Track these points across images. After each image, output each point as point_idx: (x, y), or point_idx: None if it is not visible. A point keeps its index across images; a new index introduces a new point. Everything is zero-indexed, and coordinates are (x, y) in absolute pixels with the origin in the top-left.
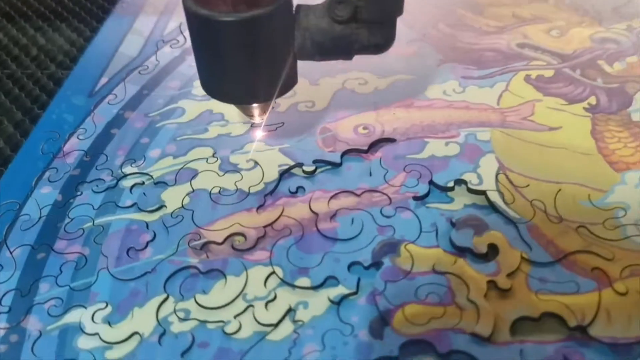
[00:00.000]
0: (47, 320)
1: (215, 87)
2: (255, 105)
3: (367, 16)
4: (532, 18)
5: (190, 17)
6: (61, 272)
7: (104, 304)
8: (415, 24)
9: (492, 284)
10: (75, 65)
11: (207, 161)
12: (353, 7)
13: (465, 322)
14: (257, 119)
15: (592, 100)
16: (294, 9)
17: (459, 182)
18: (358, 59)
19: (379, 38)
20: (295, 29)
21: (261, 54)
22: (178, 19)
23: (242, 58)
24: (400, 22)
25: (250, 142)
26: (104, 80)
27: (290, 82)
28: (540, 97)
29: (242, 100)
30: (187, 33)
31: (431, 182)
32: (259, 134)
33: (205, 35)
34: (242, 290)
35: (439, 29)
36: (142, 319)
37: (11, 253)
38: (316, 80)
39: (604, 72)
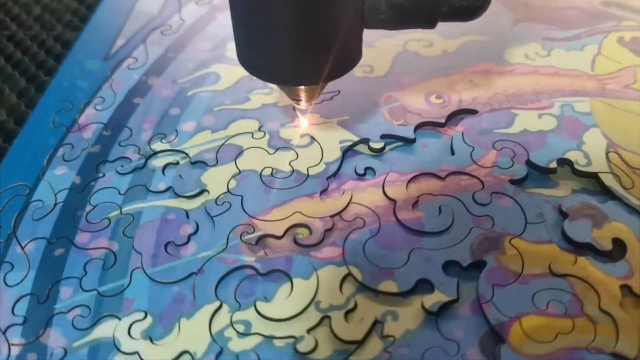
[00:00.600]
0: (72, 335)
1: (252, 60)
2: (302, 87)
3: None
4: None
5: None
6: (86, 272)
7: (142, 314)
8: None
9: (626, 288)
10: (85, 26)
11: (252, 136)
12: None
13: (602, 338)
14: (303, 105)
15: None
16: None
17: (563, 162)
18: None
19: None
20: None
21: (318, 15)
22: None
23: (292, 21)
24: None
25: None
26: (120, 41)
27: (353, 57)
28: None
29: (289, 80)
30: None
31: (528, 162)
32: (304, 123)
33: None
34: (314, 297)
35: None
36: (192, 334)
37: (23, 248)
38: (371, 41)
39: None
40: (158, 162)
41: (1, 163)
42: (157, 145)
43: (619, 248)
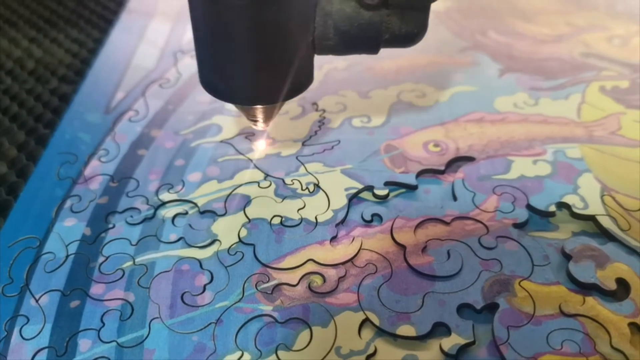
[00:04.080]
0: None
1: (213, 82)
2: (260, 107)
3: (400, 0)
4: (587, 26)
5: None
6: (103, 324)
7: None
8: (462, 32)
9: (634, 326)
10: (82, 79)
11: (259, 185)
12: None
13: None
14: (260, 126)
15: None
16: None
17: (561, 205)
18: (410, 68)
19: (412, 26)
20: (316, 15)
21: (273, 42)
22: None
23: (249, 47)
24: (447, 30)
25: (306, 163)
26: (120, 95)
27: (305, 80)
28: (623, 110)
29: (246, 100)
30: None
31: (529, 206)
32: (261, 145)
33: (206, 17)
34: (334, 343)
35: (490, 37)
36: None
37: (37, 301)
38: (366, 92)
39: None
40: (167, 213)
41: (8, 216)
42: (165, 196)
43: (623, 287)
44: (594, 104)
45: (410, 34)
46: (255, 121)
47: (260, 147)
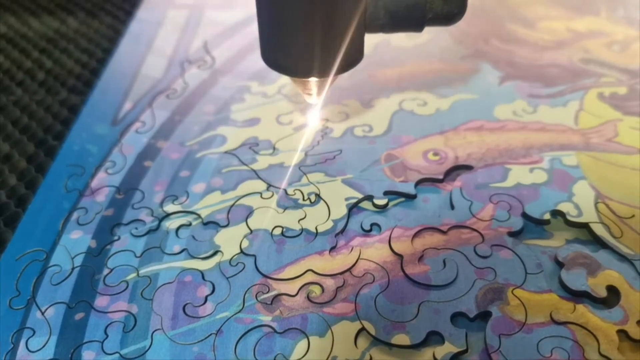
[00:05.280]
0: None
1: (272, 55)
2: (314, 80)
3: None
4: (588, 32)
5: None
6: (107, 335)
7: None
8: (464, 39)
9: (622, 333)
10: (91, 90)
11: (261, 196)
12: None
13: None
14: (314, 98)
15: None
16: None
17: (555, 213)
18: (412, 76)
19: (453, 6)
20: None
21: (328, 19)
22: (202, 37)
23: (306, 22)
24: (449, 37)
25: (308, 173)
26: (128, 105)
27: (357, 56)
28: (620, 117)
29: (301, 72)
30: (214, 53)
31: (524, 215)
32: (315, 117)
33: None
34: (330, 352)
35: (491, 44)
36: None
37: (43, 313)
38: (368, 101)
39: None
40: (171, 224)
41: (16, 228)
42: (170, 207)
43: (613, 295)
44: (591, 111)
45: (450, 13)
46: (309, 94)
47: (314, 122)
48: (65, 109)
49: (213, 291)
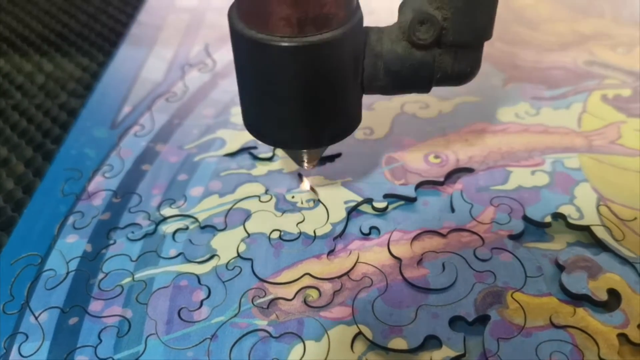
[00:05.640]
0: None
1: (257, 126)
2: (305, 151)
3: (454, 38)
4: (593, 34)
5: (238, 40)
6: (100, 340)
7: None
8: None
9: (623, 337)
10: (90, 94)
11: (259, 199)
12: (439, 28)
13: None
14: (306, 166)
15: None
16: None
17: (557, 216)
18: None
19: (465, 65)
20: (365, 56)
21: (319, 88)
22: (203, 40)
23: (295, 93)
24: None
25: (308, 176)
26: (127, 109)
27: (352, 123)
28: (624, 119)
29: (291, 145)
30: (215, 56)
31: (525, 217)
32: (306, 185)
33: (255, 63)
34: (326, 357)
35: (495, 47)
36: None
37: (36, 318)
38: (370, 104)
39: None
40: (168, 228)
41: (12, 232)
42: (167, 211)
43: (614, 298)
44: (594, 113)
45: (463, 72)
46: (302, 162)
47: (306, 186)
48: (64, 112)
49: (209, 295)
